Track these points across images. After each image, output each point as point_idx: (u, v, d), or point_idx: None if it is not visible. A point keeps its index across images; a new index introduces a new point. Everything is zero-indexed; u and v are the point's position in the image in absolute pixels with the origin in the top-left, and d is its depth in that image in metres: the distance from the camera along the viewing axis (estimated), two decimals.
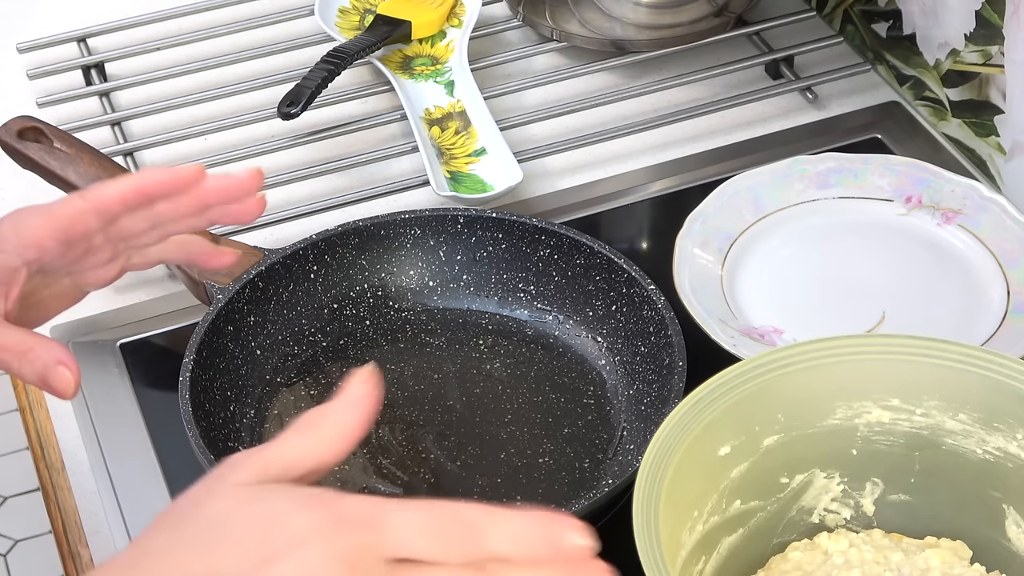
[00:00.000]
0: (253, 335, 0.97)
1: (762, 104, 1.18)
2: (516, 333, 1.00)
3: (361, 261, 1.00)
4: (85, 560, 0.91)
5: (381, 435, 0.94)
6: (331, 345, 0.99)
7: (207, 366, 0.93)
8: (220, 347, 0.94)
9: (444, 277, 1.01)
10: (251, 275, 0.97)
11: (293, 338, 0.98)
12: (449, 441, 0.93)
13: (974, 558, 0.83)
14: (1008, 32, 1.05)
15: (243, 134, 1.16)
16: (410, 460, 0.92)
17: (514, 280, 1.01)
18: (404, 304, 1.01)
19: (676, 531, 0.76)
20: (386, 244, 1.01)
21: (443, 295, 1.01)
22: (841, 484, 0.84)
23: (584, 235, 0.99)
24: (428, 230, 1.01)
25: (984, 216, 1.04)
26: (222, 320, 0.95)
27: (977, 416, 0.81)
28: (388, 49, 1.19)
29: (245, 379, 0.95)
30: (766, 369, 0.80)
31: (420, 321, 1.00)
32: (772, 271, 1.03)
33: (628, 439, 0.93)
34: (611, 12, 1.20)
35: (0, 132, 1.01)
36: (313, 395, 0.96)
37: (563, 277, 0.99)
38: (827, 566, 0.81)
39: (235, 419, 0.93)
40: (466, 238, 1.01)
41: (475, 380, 0.97)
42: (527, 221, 1.00)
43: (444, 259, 1.01)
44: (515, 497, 0.90)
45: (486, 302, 1.01)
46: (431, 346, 0.99)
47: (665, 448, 0.76)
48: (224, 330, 0.95)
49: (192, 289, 0.99)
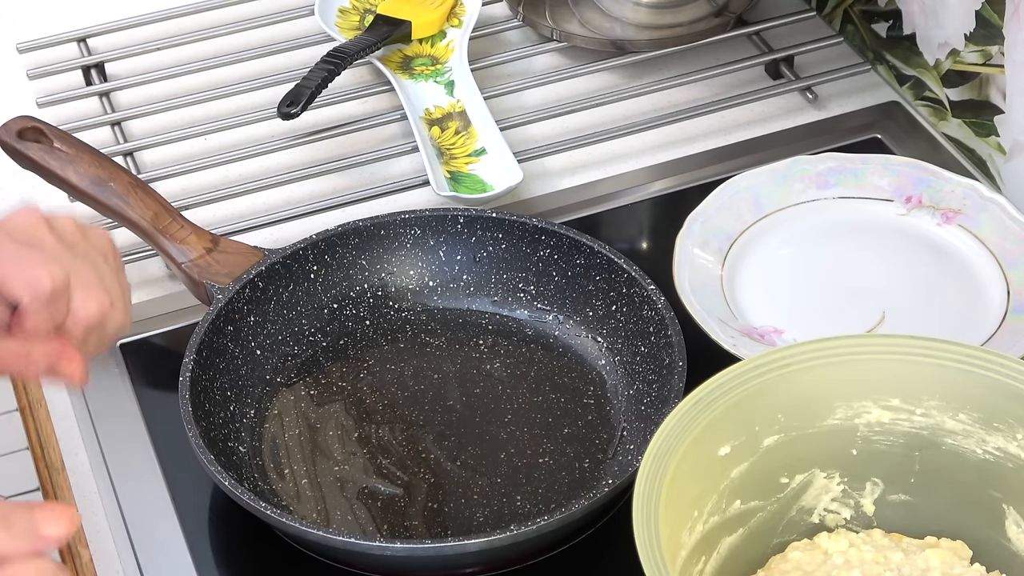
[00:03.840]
0: (253, 335, 0.97)
1: (762, 104, 1.18)
2: (516, 333, 1.00)
3: (361, 261, 1.00)
4: (85, 560, 0.91)
5: (381, 435, 0.94)
6: (331, 345, 0.99)
7: (207, 366, 0.93)
8: (220, 347, 0.94)
9: (444, 277, 1.01)
10: (251, 275, 0.97)
11: (293, 338, 0.98)
12: (449, 441, 0.93)
13: (974, 558, 0.83)
14: (1008, 32, 1.05)
15: (243, 134, 1.16)
16: (410, 460, 0.92)
17: (514, 280, 1.01)
18: (404, 304, 1.01)
19: (676, 531, 0.76)
20: (386, 244, 1.01)
21: (443, 295, 1.01)
22: (841, 484, 0.84)
23: (584, 235, 0.99)
24: (428, 230, 1.01)
25: (984, 216, 1.03)
26: (222, 320, 0.95)
27: (977, 416, 0.81)
28: (388, 49, 1.19)
29: (245, 379, 0.95)
30: (766, 369, 0.80)
31: (420, 321, 1.00)
32: (772, 271, 1.03)
33: (628, 439, 0.93)
34: (611, 12, 1.20)
35: (0, 132, 1.01)
36: (313, 395, 0.96)
37: (563, 277, 0.99)
38: (827, 566, 0.81)
39: (235, 419, 0.93)
40: (466, 238, 1.01)
41: (475, 380, 0.97)
42: (527, 221, 1.00)
43: (444, 259, 1.01)
44: (515, 497, 0.90)
45: (486, 302, 1.01)
46: (431, 346, 0.99)
47: (665, 448, 0.76)
48: (224, 330, 0.95)
49: (192, 289, 0.99)
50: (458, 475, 0.92)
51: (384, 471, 0.92)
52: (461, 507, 0.90)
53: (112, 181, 1.00)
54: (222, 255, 0.98)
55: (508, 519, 0.89)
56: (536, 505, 0.90)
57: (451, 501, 0.90)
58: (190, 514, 0.92)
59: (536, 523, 0.83)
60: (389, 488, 0.91)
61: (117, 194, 0.99)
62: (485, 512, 0.89)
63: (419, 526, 0.89)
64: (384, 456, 0.93)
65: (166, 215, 1.00)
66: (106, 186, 0.99)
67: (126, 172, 1.01)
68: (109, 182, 1.00)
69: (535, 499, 0.90)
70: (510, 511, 0.89)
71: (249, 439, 0.93)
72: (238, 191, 1.11)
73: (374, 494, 0.90)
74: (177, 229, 0.99)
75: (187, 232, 0.99)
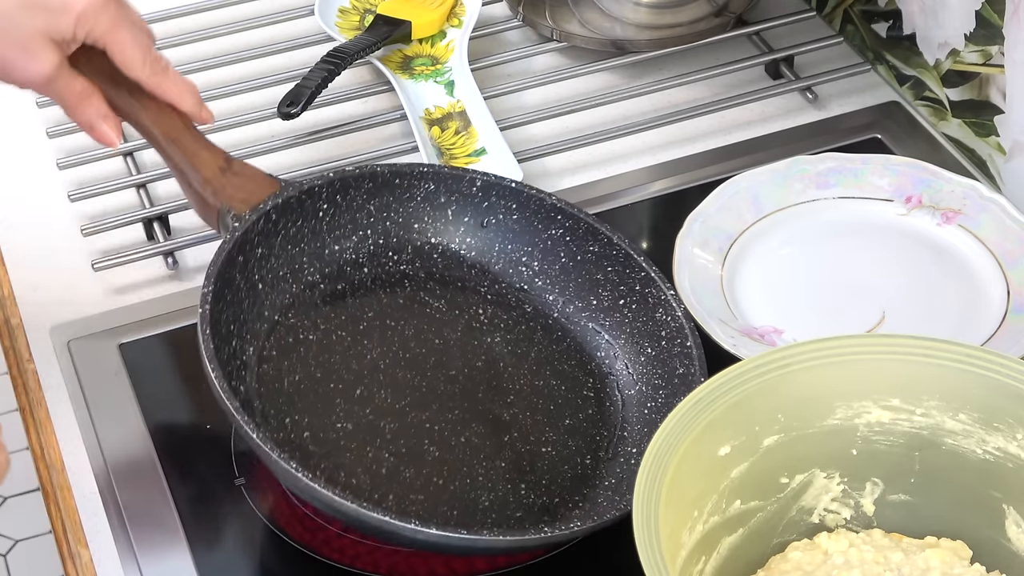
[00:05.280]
0: (258, 268, 0.94)
1: (762, 104, 1.18)
2: (515, 307, 0.99)
3: (369, 206, 0.99)
4: (85, 560, 0.91)
5: (385, 397, 0.92)
6: (328, 288, 0.97)
7: (219, 297, 0.89)
8: (229, 277, 0.91)
9: (448, 236, 1.00)
10: (267, 207, 0.94)
11: (292, 275, 0.96)
12: (453, 415, 0.92)
13: (974, 558, 0.83)
14: (1008, 32, 1.05)
15: (243, 134, 1.16)
16: (415, 428, 0.91)
17: (517, 253, 1.00)
18: (403, 257, 0.99)
19: (676, 531, 0.76)
20: (397, 194, 0.99)
21: (444, 255, 1.00)
22: (841, 484, 0.84)
23: (604, 224, 0.98)
24: (442, 186, 0.99)
25: (984, 216, 1.04)
26: (236, 250, 0.91)
27: (977, 416, 0.81)
28: (388, 49, 1.19)
29: (247, 313, 0.93)
30: (766, 369, 0.80)
31: (419, 278, 0.99)
32: (772, 271, 1.03)
33: (629, 440, 0.92)
34: (611, 12, 1.20)
35: None
36: (312, 340, 0.94)
37: (571, 260, 0.98)
38: (827, 566, 0.81)
39: (237, 356, 0.91)
40: (478, 202, 1.00)
41: (476, 352, 0.96)
42: (546, 198, 0.99)
43: (451, 218, 1.00)
44: (519, 485, 0.89)
45: (486, 270, 1.00)
46: (431, 307, 0.98)
47: (665, 448, 0.76)
48: (235, 260, 0.92)
49: (201, 210, 0.96)
50: (463, 452, 0.90)
51: (388, 436, 0.90)
52: (466, 487, 0.89)
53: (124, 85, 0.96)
54: (236, 177, 0.95)
55: (514, 508, 0.88)
56: (540, 497, 0.89)
57: (456, 479, 0.89)
58: (190, 514, 0.92)
59: (570, 527, 0.83)
60: (393, 456, 0.89)
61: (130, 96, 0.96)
62: (491, 496, 0.89)
63: (425, 501, 0.88)
64: (388, 420, 0.91)
65: (178, 120, 0.96)
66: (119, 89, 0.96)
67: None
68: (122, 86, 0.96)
69: (539, 490, 0.89)
70: (515, 499, 0.89)
71: (249, 379, 0.90)
72: None
73: (379, 459, 0.89)
74: (190, 141, 0.96)
75: (199, 146, 0.95)
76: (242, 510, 0.87)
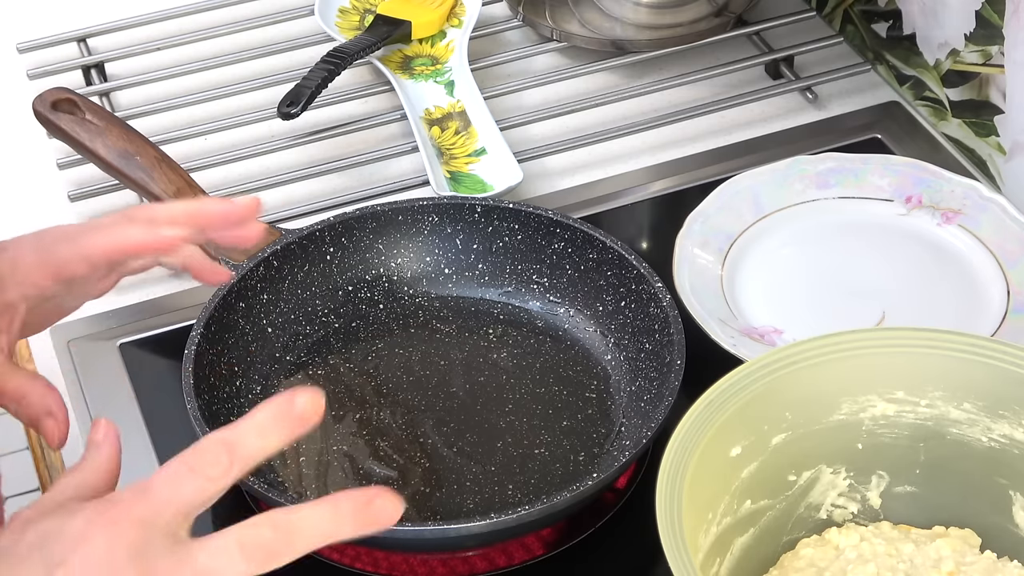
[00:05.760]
0: (265, 313, 0.97)
1: (762, 104, 1.18)
2: (526, 324, 1.00)
3: (378, 245, 1.01)
4: None
5: (382, 417, 0.94)
6: (343, 327, 0.99)
7: (215, 340, 0.93)
8: (230, 323, 0.95)
9: (460, 265, 1.01)
10: (266, 254, 0.97)
11: (306, 318, 0.99)
12: (448, 427, 0.93)
13: (982, 545, 0.83)
14: (1008, 32, 1.05)
15: (243, 134, 1.16)
16: (407, 444, 0.93)
17: (528, 271, 1.01)
18: (419, 290, 1.01)
19: (693, 535, 0.76)
20: (403, 230, 1.01)
21: (457, 283, 1.01)
22: (847, 479, 0.84)
23: (597, 229, 0.99)
24: (446, 218, 1.01)
25: (984, 216, 1.04)
26: (234, 296, 0.95)
27: (982, 404, 0.81)
28: (388, 49, 1.19)
29: (254, 356, 0.96)
30: (774, 368, 0.80)
31: (433, 308, 1.01)
32: (772, 271, 1.03)
33: (625, 435, 0.93)
34: (611, 12, 1.20)
35: (36, 103, 1.04)
36: (319, 375, 0.96)
37: (576, 271, 0.99)
38: (840, 561, 0.81)
39: (240, 394, 0.93)
40: (483, 227, 1.01)
41: (480, 368, 0.97)
42: (543, 213, 1.00)
43: (461, 247, 1.01)
44: (507, 486, 0.90)
45: (499, 292, 1.01)
46: (441, 333, 0.99)
47: (681, 452, 0.76)
48: (235, 306, 0.95)
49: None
50: (453, 461, 0.92)
51: (381, 453, 0.92)
52: (452, 493, 0.90)
53: (138, 155, 1.01)
54: None
55: (498, 507, 0.89)
56: (527, 495, 0.90)
57: (443, 486, 0.90)
58: None
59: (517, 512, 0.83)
60: (384, 471, 0.91)
61: (142, 167, 1.01)
62: (476, 499, 0.89)
63: (409, 510, 0.89)
64: (382, 439, 0.93)
65: (188, 191, 1.01)
66: (132, 159, 1.01)
67: (153, 146, 1.02)
68: (135, 155, 1.01)
69: (526, 489, 0.90)
70: (500, 500, 0.89)
71: None
72: (238, 191, 1.10)
73: (369, 475, 0.91)
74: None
75: None
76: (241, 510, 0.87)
